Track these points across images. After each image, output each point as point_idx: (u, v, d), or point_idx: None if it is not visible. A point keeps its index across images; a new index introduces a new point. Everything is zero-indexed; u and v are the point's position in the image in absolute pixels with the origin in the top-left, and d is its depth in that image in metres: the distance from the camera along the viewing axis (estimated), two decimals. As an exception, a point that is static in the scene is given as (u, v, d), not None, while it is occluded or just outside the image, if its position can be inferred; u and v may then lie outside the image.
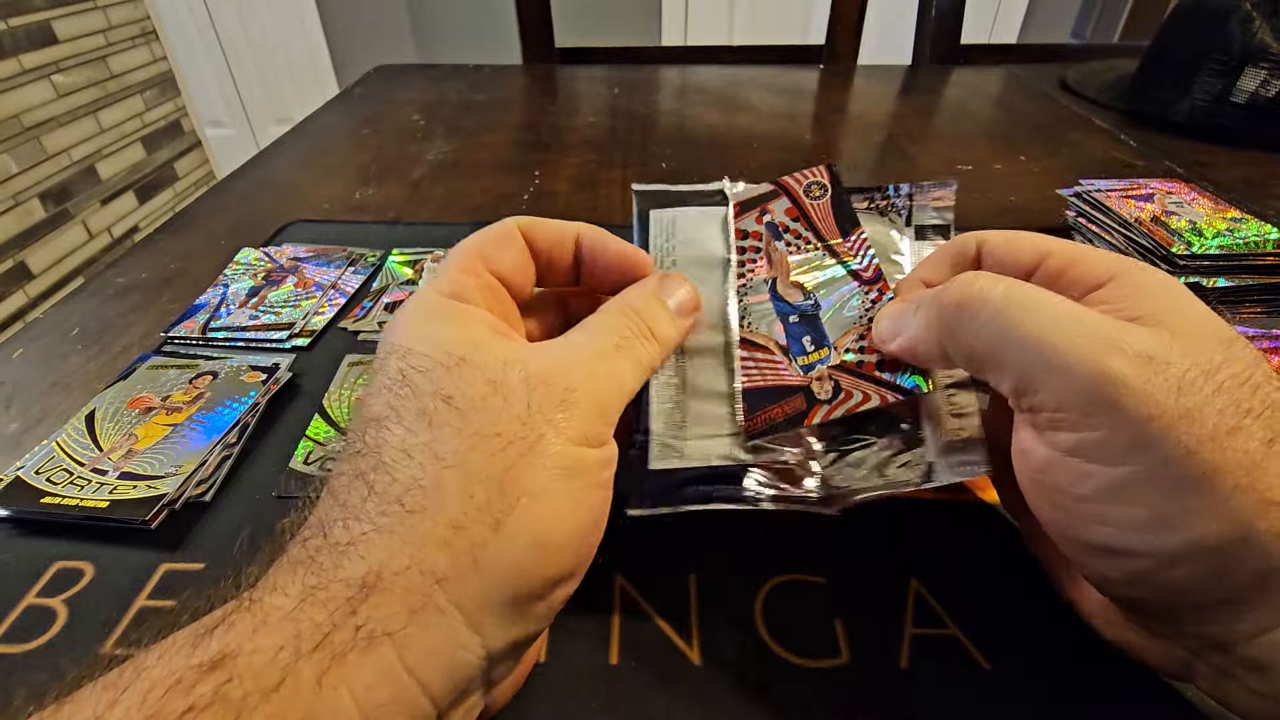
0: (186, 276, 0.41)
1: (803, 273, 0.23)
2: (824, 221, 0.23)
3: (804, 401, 0.21)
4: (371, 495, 0.15)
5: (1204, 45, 0.59)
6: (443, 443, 0.15)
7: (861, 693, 0.20)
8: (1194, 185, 0.43)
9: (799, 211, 0.24)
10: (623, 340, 0.19)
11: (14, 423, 0.30)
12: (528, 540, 0.15)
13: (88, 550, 0.24)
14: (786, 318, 0.22)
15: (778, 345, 0.22)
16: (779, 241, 0.23)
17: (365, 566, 0.14)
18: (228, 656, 0.13)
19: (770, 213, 0.24)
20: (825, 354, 0.22)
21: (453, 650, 0.14)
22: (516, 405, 0.16)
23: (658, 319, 0.21)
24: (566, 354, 0.18)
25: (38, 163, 1.35)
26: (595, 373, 0.18)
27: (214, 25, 1.93)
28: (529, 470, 0.15)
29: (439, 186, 0.53)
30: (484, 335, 0.18)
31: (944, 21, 0.89)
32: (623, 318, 0.20)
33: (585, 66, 0.89)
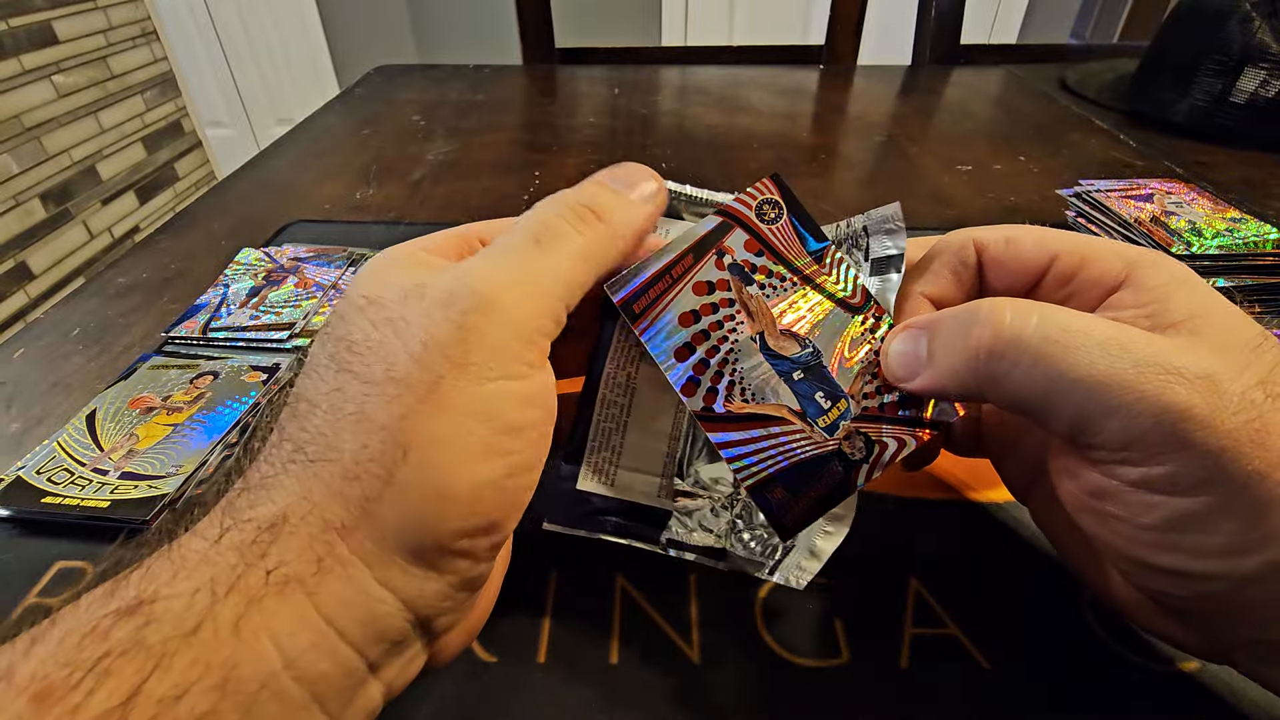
0: (187, 277, 0.41)
1: (790, 315, 0.20)
2: (790, 246, 0.20)
3: (840, 469, 0.19)
4: (283, 441, 0.15)
5: (1203, 45, 0.59)
6: (343, 391, 0.15)
7: (861, 693, 0.20)
8: (1193, 185, 0.43)
9: (760, 244, 0.20)
10: (547, 231, 0.16)
11: (15, 423, 0.30)
12: (422, 492, 0.14)
13: (88, 550, 0.24)
14: (790, 375, 0.19)
15: (792, 412, 0.19)
16: (751, 288, 0.19)
17: (274, 509, 0.14)
18: (144, 601, 0.12)
19: (729, 252, 0.20)
20: (844, 407, 0.19)
21: (366, 603, 0.14)
22: (412, 343, 0.14)
23: (601, 200, 0.17)
24: (475, 262, 0.16)
25: (38, 163, 1.35)
26: (509, 276, 0.15)
27: (214, 25, 1.93)
28: (426, 417, 0.14)
29: (439, 187, 0.53)
30: (401, 272, 0.16)
31: (944, 22, 0.89)
32: (550, 205, 0.17)
33: (585, 66, 0.89)
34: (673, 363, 0.19)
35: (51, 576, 0.23)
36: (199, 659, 0.12)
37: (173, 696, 0.11)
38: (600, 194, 0.18)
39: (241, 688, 0.12)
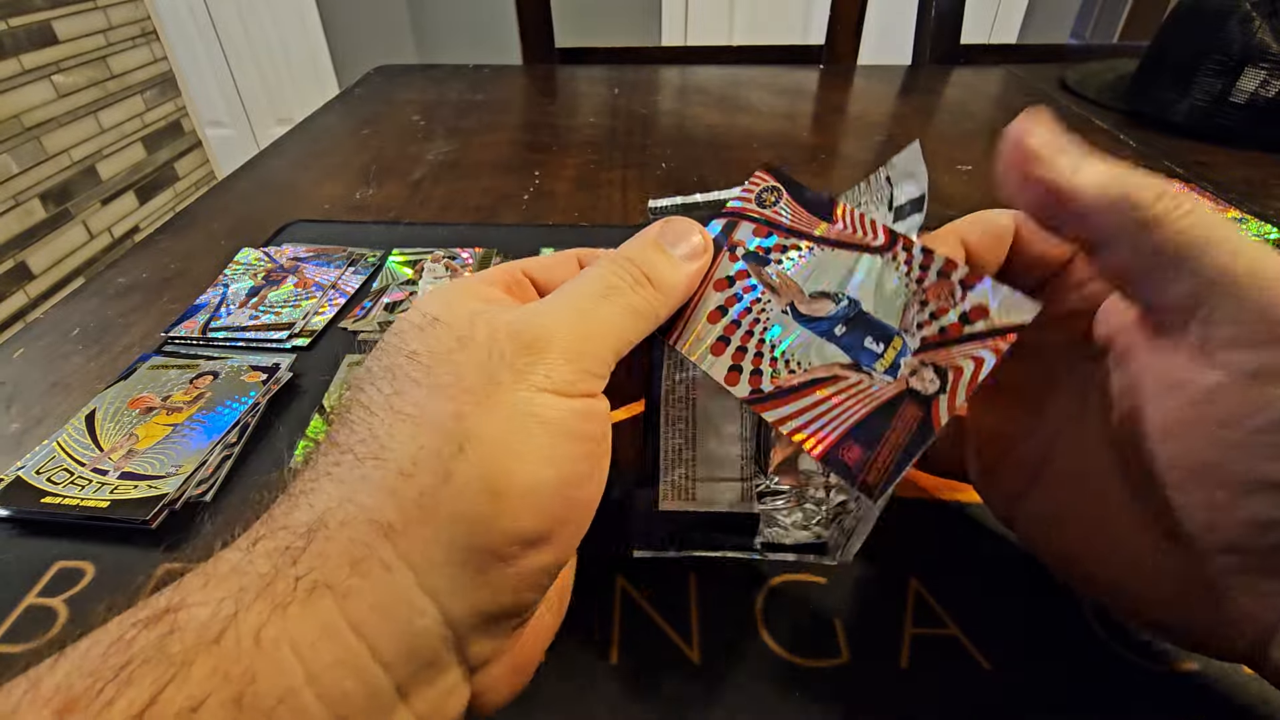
0: (187, 276, 0.41)
1: (819, 277, 0.19)
2: (799, 218, 0.20)
3: (916, 408, 0.17)
4: (330, 448, 0.15)
5: (1203, 45, 0.59)
6: (403, 395, 0.15)
7: (861, 693, 0.20)
8: (1194, 186, 0.43)
9: (769, 227, 0.20)
10: (608, 288, 0.17)
11: (14, 423, 0.30)
12: (479, 487, 0.14)
13: (88, 550, 0.24)
14: (832, 333, 0.18)
15: (844, 366, 0.18)
16: (769, 268, 0.19)
17: (312, 513, 0.14)
18: (171, 610, 0.12)
19: (740, 245, 0.20)
20: (900, 343, 0.18)
21: (404, 612, 0.13)
22: (479, 354, 0.15)
23: (654, 264, 0.18)
24: (542, 306, 0.17)
25: (38, 163, 1.35)
26: (571, 320, 0.16)
27: (214, 25, 1.93)
28: (483, 416, 0.14)
29: (439, 187, 0.53)
30: (467, 299, 0.17)
31: (944, 21, 0.89)
32: (611, 265, 0.18)
33: (585, 66, 0.89)
34: (711, 359, 0.19)
35: (51, 577, 0.23)
36: (218, 669, 0.11)
37: (189, 708, 0.11)
38: (652, 255, 0.19)
39: (258, 703, 0.12)
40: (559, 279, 0.20)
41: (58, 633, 0.22)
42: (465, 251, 0.43)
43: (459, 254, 0.42)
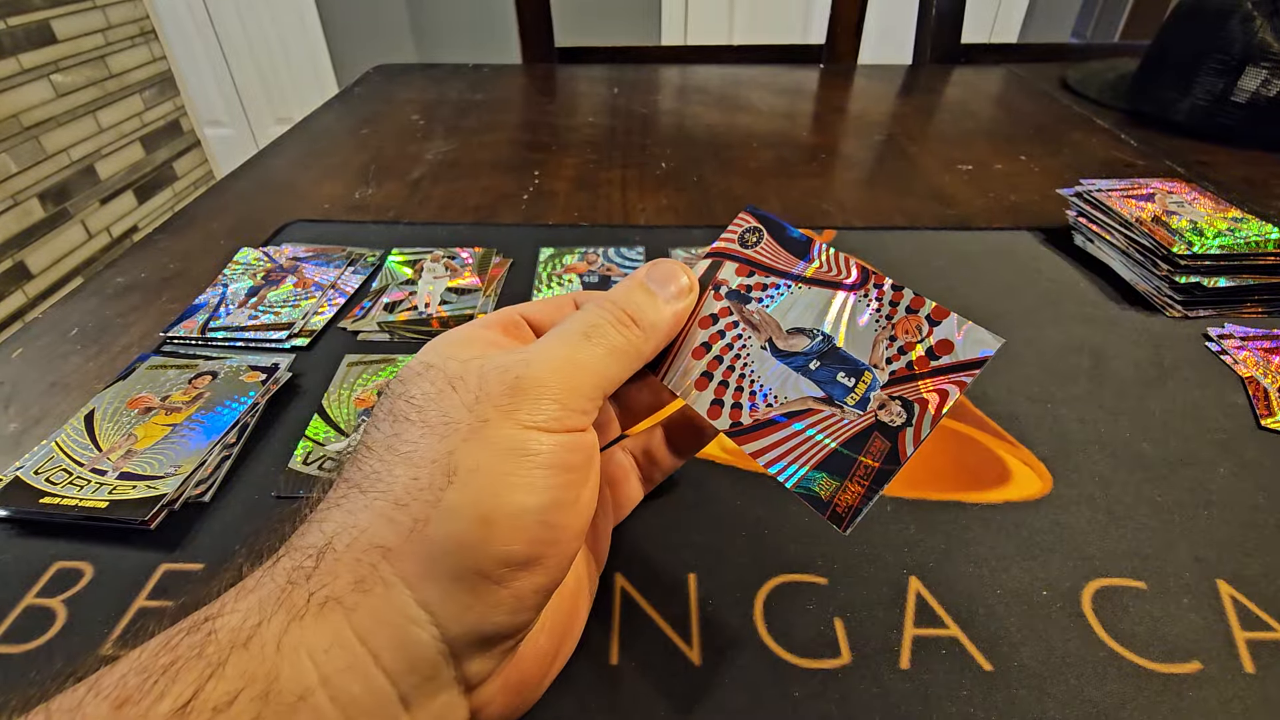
0: (186, 276, 0.41)
1: (795, 314, 0.20)
2: (778, 258, 0.21)
3: (885, 440, 0.18)
4: (341, 483, 0.17)
5: (1205, 45, 0.59)
6: (400, 436, 0.17)
7: (861, 693, 0.20)
8: (1195, 185, 0.43)
9: (750, 266, 0.21)
10: (592, 329, 0.19)
11: (13, 423, 0.30)
12: (469, 514, 0.15)
13: (87, 550, 0.24)
14: (807, 368, 0.19)
15: (816, 400, 0.19)
16: (750, 305, 0.20)
17: (322, 537, 0.15)
18: (210, 619, 0.14)
19: (724, 284, 0.21)
20: (870, 378, 0.19)
21: (401, 623, 0.15)
22: (467, 397, 0.17)
23: (639, 305, 0.20)
24: (530, 350, 0.18)
25: (37, 162, 1.35)
26: (556, 363, 0.17)
27: (213, 25, 1.93)
28: (471, 449, 0.16)
29: (439, 186, 0.53)
30: (463, 347, 0.19)
31: (944, 21, 0.89)
32: (596, 309, 0.19)
33: (585, 66, 0.89)
34: (695, 394, 0.20)
35: (50, 577, 0.23)
36: (247, 670, 0.13)
37: (225, 702, 0.13)
38: (638, 297, 0.20)
39: (281, 699, 0.13)
40: (554, 320, 0.21)
41: (56, 633, 0.21)
42: (465, 251, 0.43)
43: (458, 253, 0.42)
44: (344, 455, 0.18)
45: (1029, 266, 0.42)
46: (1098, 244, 0.42)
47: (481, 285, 0.39)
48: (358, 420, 0.30)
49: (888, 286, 0.19)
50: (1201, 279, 0.36)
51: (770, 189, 0.53)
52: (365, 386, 0.32)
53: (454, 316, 0.37)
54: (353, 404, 0.31)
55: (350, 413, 0.30)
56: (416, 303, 0.38)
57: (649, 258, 0.43)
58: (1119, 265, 0.40)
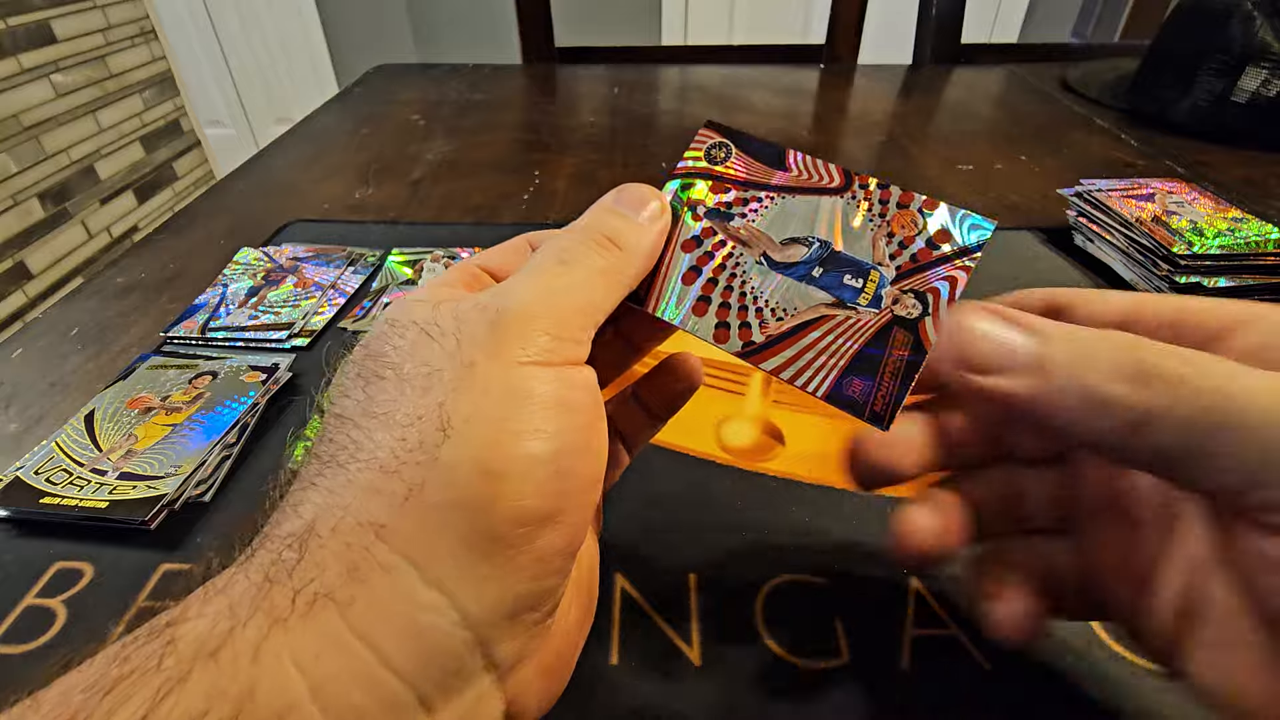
0: (186, 276, 0.41)
1: (784, 225, 0.20)
2: (753, 170, 0.20)
3: (906, 333, 0.17)
4: (313, 460, 0.15)
5: (1205, 45, 0.59)
6: (374, 399, 0.15)
7: (861, 693, 0.20)
8: (1195, 185, 0.43)
9: (723, 183, 0.20)
10: (567, 253, 0.17)
11: (13, 423, 0.30)
12: (471, 469, 0.13)
13: (87, 551, 0.24)
14: (810, 276, 0.19)
15: (828, 305, 0.18)
16: (734, 221, 0.20)
17: (301, 522, 0.13)
18: (170, 624, 0.12)
19: (700, 203, 0.20)
20: (878, 276, 0.18)
21: (410, 612, 0.13)
22: (447, 343, 0.15)
23: (615, 228, 0.18)
24: (504, 285, 0.16)
25: (37, 162, 1.35)
26: (537, 291, 0.16)
27: (213, 25, 1.93)
28: (464, 397, 0.14)
29: (438, 186, 0.53)
30: (427, 300, 0.16)
31: (944, 21, 0.89)
32: (566, 235, 0.18)
33: (585, 66, 0.89)
34: (695, 320, 0.19)
35: (50, 577, 0.23)
36: (215, 685, 0.11)
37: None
38: (611, 220, 0.18)
39: (257, 718, 0.11)
40: (515, 265, 0.19)
41: (56, 634, 0.22)
42: (465, 251, 0.43)
43: (458, 253, 0.42)
44: (315, 437, 0.16)
45: (1029, 266, 0.42)
46: (1098, 244, 0.42)
47: (481, 285, 0.39)
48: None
49: (874, 186, 0.19)
50: (1201, 279, 0.36)
51: (770, 189, 0.53)
52: (365, 386, 0.32)
53: (454, 316, 0.37)
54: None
55: (350, 413, 0.30)
56: (416, 303, 0.38)
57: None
58: (1119, 265, 0.40)
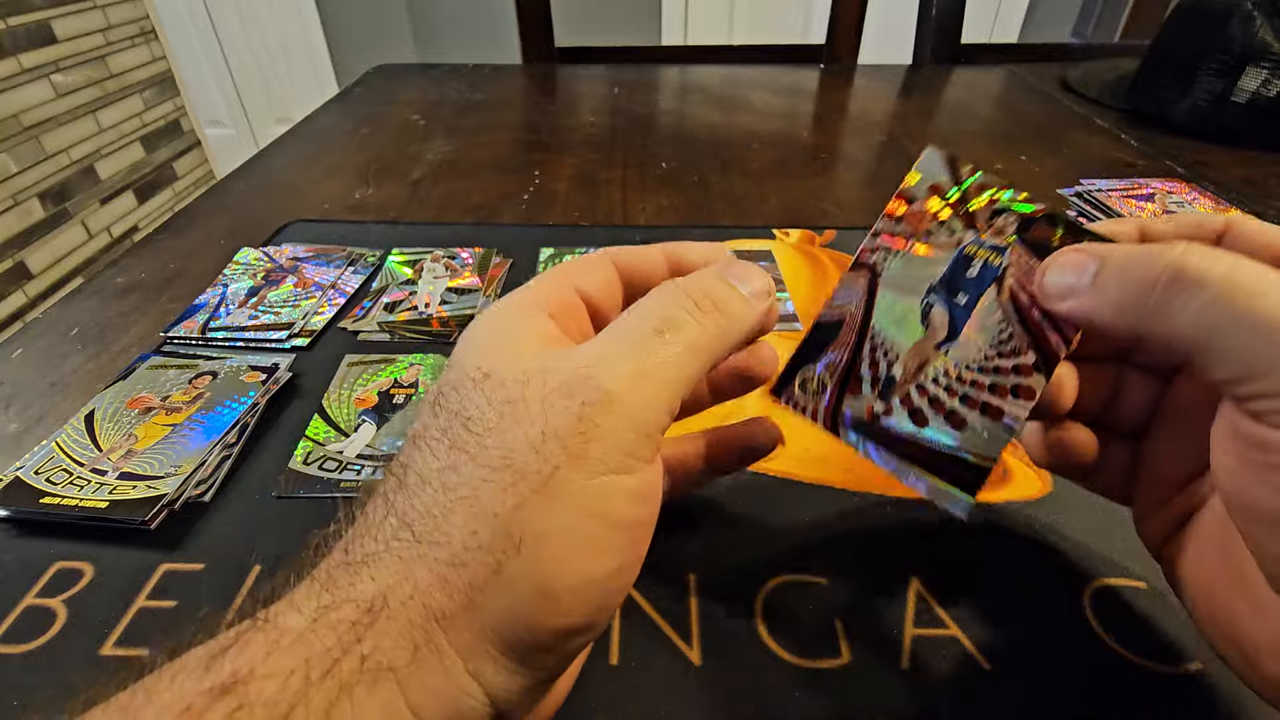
0: (186, 276, 0.41)
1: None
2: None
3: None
4: (390, 514, 0.15)
5: (1205, 45, 0.59)
6: (457, 470, 0.15)
7: (861, 693, 0.20)
8: (1195, 185, 0.43)
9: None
10: (666, 323, 0.16)
11: (13, 423, 0.30)
12: (530, 586, 0.14)
13: (87, 550, 0.24)
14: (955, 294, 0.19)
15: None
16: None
17: (374, 589, 0.14)
18: (239, 681, 0.12)
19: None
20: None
21: (454, 696, 0.14)
22: (532, 431, 0.14)
23: (722, 295, 0.17)
24: (595, 355, 0.16)
25: (37, 162, 1.35)
26: (628, 372, 0.15)
27: (213, 25, 1.93)
28: (540, 509, 0.14)
29: (439, 186, 0.53)
30: (523, 343, 0.16)
31: (944, 21, 0.89)
32: (668, 296, 0.17)
33: (585, 66, 0.89)
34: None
35: (50, 577, 0.23)
36: None
37: None
38: (717, 286, 0.18)
39: None
40: (615, 304, 0.19)
41: (56, 634, 0.22)
42: (465, 251, 0.43)
43: (458, 253, 0.42)
44: (390, 468, 0.16)
45: (1029, 266, 0.42)
46: (1098, 244, 0.42)
47: (481, 285, 0.39)
48: (358, 420, 0.30)
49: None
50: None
51: (771, 189, 0.53)
52: (365, 386, 0.32)
53: (454, 316, 0.37)
54: (353, 404, 0.31)
55: (350, 413, 0.30)
56: (416, 303, 0.38)
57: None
58: (1119, 265, 0.40)
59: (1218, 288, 0.15)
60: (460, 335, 0.18)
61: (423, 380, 0.32)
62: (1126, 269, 0.16)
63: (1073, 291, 0.17)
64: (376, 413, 0.30)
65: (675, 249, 0.20)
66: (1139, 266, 0.16)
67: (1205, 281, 0.15)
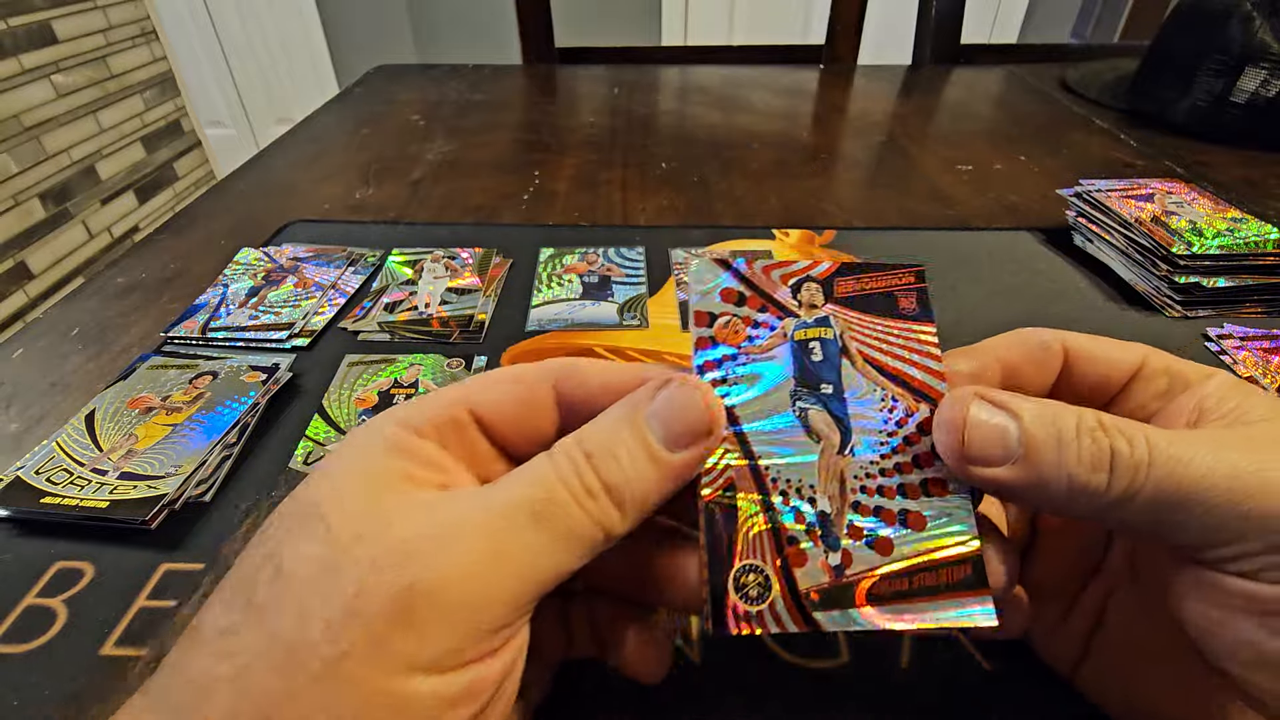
0: (186, 276, 0.41)
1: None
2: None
3: None
4: (167, 669, 0.13)
5: (1204, 45, 0.59)
6: (241, 635, 0.12)
7: (861, 693, 0.20)
8: (1194, 185, 0.43)
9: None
10: (545, 506, 0.13)
11: (14, 423, 0.30)
12: None
13: (88, 550, 0.24)
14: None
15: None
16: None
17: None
18: None
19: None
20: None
21: None
22: (331, 604, 0.12)
23: (616, 464, 0.14)
24: (446, 522, 0.13)
25: (38, 162, 1.35)
26: (474, 555, 0.13)
27: (214, 25, 1.93)
28: (314, 702, 0.11)
29: (439, 186, 0.53)
30: (373, 484, 0.14)
31: (944, 21, 0.89)
32: (559, 464, 0.14)
33: (585, 66, 0.89)
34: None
35: (51, 577, 0.23)
36: None
37: None
38: (625, 458, 0.14)
39: None
40: (521, 430, 0.16)
41: (57, 634, 0.22)
42: (465, 251, 0.43)
43: (458, 254, 0.42)
44: (214, 590, 0.14)
45: (1029, 267, 0.42)
46: (1097, 244, 0.42)
47: (481, 285, 0.39)
48: (358, 420, 0.30)
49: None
50: (1201, 279, 0.36)
51: (771, 189, 0.53)
52: (365, 386, 0.32)
53: (454, 317, 0.37)
54: (353, 404, 0.31)
55: (350, 413, 0.30)
56: (417, 303, 0.38)
57: (649, 258, 0.43)
58: (1118, 265, 0.40)
59: (1158, 472, 0.14)
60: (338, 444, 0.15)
61: (423, 380, 0.32)
62: (1067, 442, 0.15)
63: (1001, 459, 0.15)
64: (376, 413, 0.30)
65: (567, 374, 0.16)
66: (1080, 441, 0.15)
67: (1143, 471, 0.14)
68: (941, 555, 0.15)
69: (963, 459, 0.15)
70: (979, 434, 0.15)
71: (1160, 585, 0.16)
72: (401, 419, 0.15)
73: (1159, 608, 0.17)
